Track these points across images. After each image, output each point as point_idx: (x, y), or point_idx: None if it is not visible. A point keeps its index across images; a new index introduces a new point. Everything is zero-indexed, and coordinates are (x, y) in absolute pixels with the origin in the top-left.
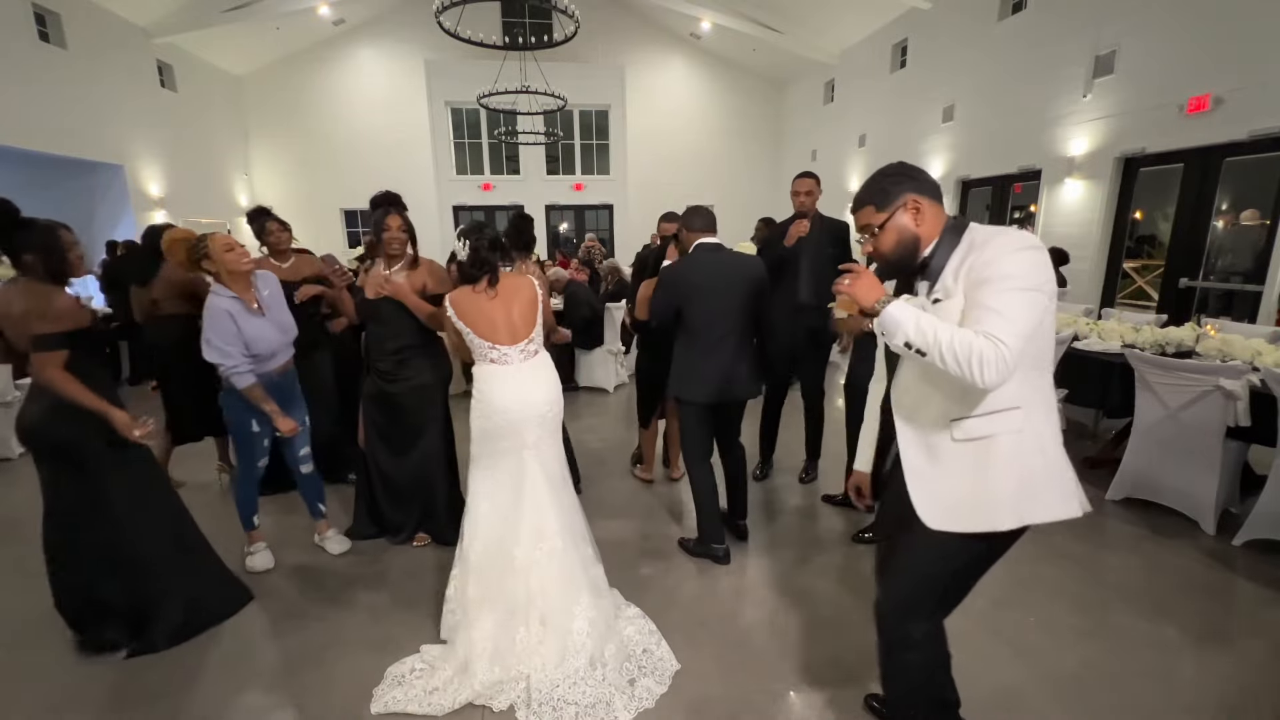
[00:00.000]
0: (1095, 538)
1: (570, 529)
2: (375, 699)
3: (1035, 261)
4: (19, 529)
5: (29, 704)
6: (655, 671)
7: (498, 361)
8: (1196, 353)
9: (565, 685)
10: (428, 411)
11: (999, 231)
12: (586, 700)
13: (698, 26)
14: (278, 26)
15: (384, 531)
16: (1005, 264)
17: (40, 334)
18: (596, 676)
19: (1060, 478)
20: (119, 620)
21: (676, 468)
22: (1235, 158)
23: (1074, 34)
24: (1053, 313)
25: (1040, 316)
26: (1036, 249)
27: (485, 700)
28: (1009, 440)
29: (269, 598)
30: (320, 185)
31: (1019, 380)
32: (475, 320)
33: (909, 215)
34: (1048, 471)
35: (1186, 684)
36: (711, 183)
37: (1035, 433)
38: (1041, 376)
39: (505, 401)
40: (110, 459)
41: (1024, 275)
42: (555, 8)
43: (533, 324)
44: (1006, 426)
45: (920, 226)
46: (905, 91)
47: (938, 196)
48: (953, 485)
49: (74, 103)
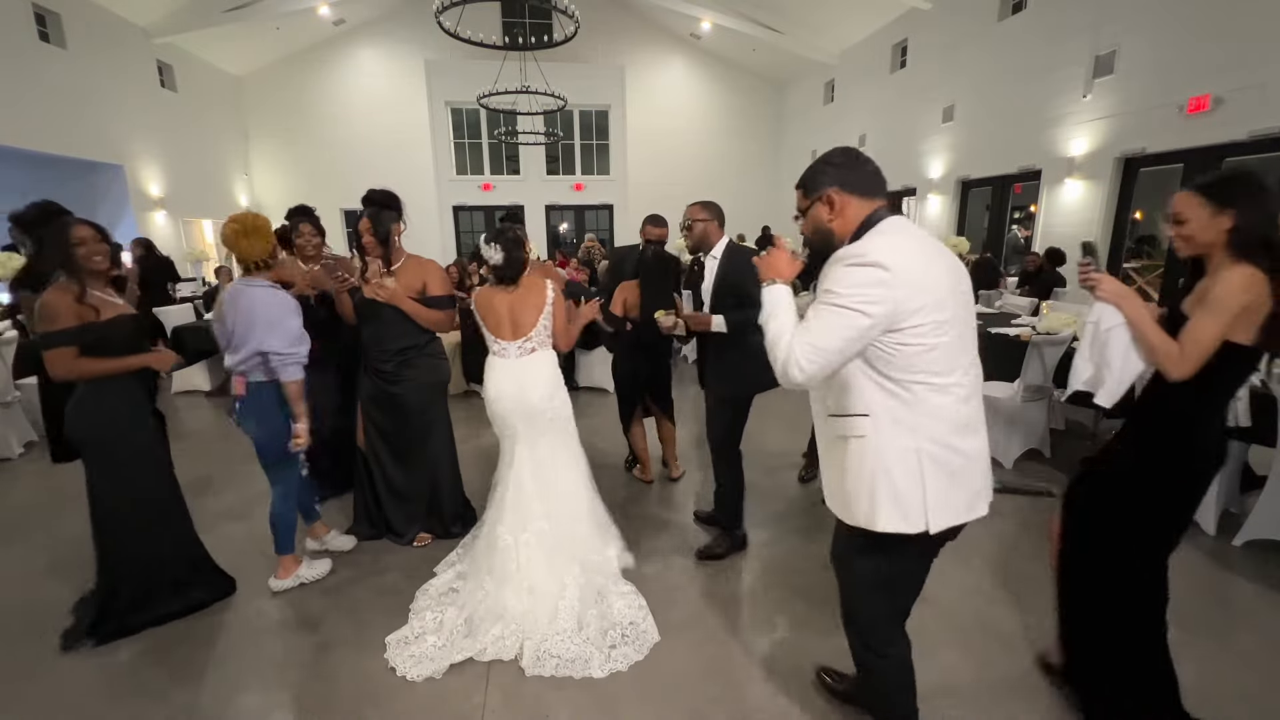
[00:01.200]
0: None
1: (561, 513)
2: (394, 664)
3: (856, 280)
4: (19, 529)
5: (29, 703)
6: (636, 641)
7: (497, 354)
8: None
9: (552, 640)
10: (430, 412)
11: (869, 237)
12: (568, 655)
13: (698, 27)
14: (278, 27)
15: (384, 532)
16: (831, 276)
17: (42, 333)
18: (580, 637)
19: (905, 495)
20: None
21: (676, 467)
22: (1235, 158)
23: (1074, 34)
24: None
25: (856, 334)
26: (864, 266)
27: (480, 654)
28: (855, 444)
29: (269, 598)
30: (320, 185)
31: (871, 390)
32: (486, 314)
33: (824, 209)
34: (892, 485)
35: (1186, 684)
36: (711, 183)
37: (880, 445)
38: (908, 386)
39: (496, 392)
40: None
41: (840, 293)
42: (555, 8)
43: (534, 324)
44: (854, 431)
45: (833, 221)
46: (905, 91)
47: (870, 191)
48: (829, 475)
49: (74, 103)
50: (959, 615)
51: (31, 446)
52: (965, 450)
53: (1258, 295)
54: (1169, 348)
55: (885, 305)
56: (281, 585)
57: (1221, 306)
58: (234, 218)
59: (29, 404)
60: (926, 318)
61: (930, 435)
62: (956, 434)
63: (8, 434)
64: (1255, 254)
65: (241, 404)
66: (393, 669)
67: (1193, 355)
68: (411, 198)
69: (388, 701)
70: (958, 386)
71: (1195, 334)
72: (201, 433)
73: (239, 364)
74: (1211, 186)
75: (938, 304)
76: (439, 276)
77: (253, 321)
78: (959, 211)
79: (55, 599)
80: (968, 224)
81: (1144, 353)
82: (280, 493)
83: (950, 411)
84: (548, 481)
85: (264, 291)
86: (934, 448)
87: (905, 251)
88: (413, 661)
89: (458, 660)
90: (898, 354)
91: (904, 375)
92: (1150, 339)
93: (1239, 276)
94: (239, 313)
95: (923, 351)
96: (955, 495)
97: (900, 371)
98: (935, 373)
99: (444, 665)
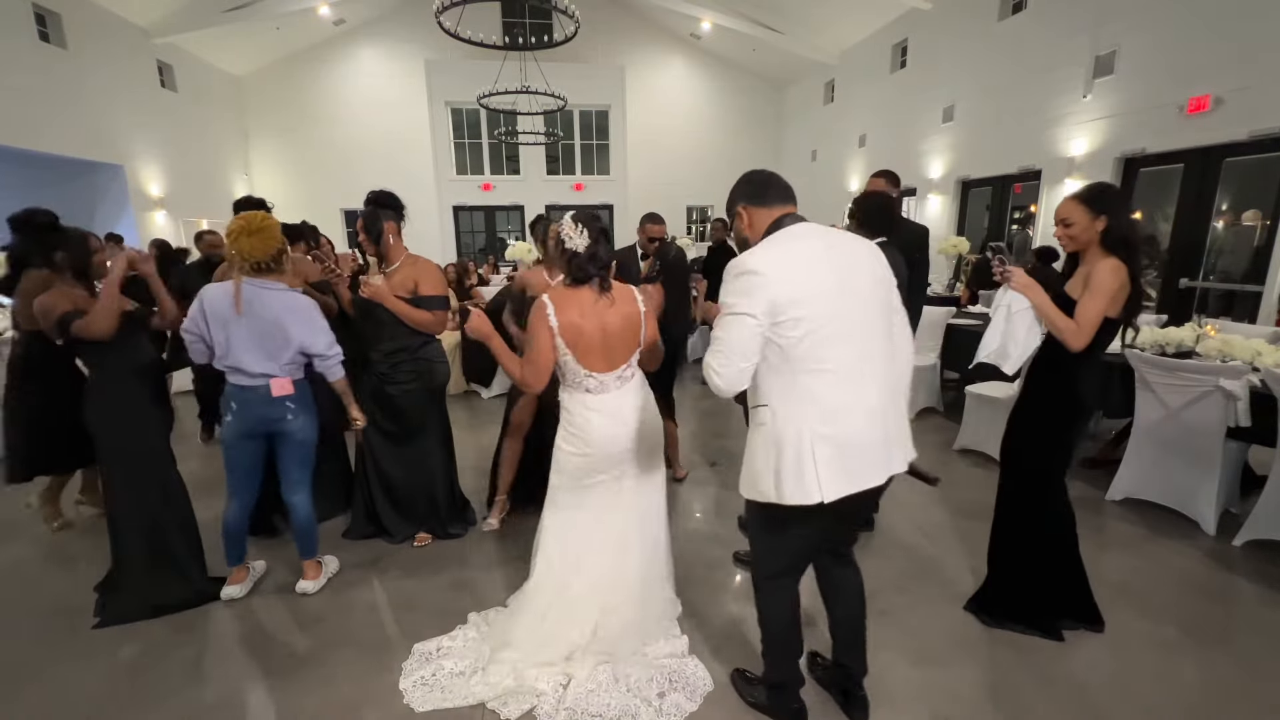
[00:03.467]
0: (1095, 538)
1: (652, 576)
2: (404, 674)
3: (736, 288)
4: (19, 529)
5: (29, 703)
6: (686, 687)
7: (592, 391)
8: (1196, 353)
9: (587, 695)
10: (426, 414)
11: (757, 248)
12: (612, 712)
13: (698, 27)
14: (278, 27)
15: (381, 532)
16: (723, 290)
17: (50, 324)
18: (620, 688)
19: (794, 471)
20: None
21: (680, 468)
22: (1235, 158)
23: (1074, 34)
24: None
25: (748, 332)
26: (741, 275)
27: (498, 705)
28: (760, 431)
29: (269, 598)
30: (320, 185)
31: (770, 377)
32: (574, 338)
33: (741, 223)
34: (784, 463)
35: (1187, 684)
36: (712, 183)
37: (777, 429)
38: (796, 375)
39: (604, 436)
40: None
41: (728, 302)
42: (555, 8)
43: (634, 347)
44: (758, 419)
45: (749, 230)
46: (905, 91)
47: (772, 200)
48: (746, 460)
49: (74, 103)
50: (958, 613)
51: None
52: (855, 428)
53: (1122, 280)
54: (1069, 325)
55: (764, 304)
56: (316, 586)
57: (1102, 291)
58: (244, 215)
59: None
60: (804, 312)
61: (820, 419)
62: (845, 411)
63: None
64: (1119, 249)
65: (294, 403)
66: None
67: (1087, 329)
68: (411, 197)
69: (387, 703)
70: (831, 374)
71: (1087, 314)
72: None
73: (284, 365)
74: (1091, 197)
75: (812, 298)
76: (432, 276)
77: (286, 324)
78: (959, 211)
79: (56, 598)
80: (968, 224)
81: (1053, 330)
82: (307, 494)
83: (836, 395)
84: (646, 531)
85: (287, 295)
86: (827, 428)
87: (781, 255)
88: (431, 683)
89: (471, 703)
90: (783, 343)
91: (802, 367)
92: (1055, 321)
93: (1109, 266)
94: (265, 317)
95: (801, 339)
96: (852, 464)
97: (799, 365)
98: (821, 361)
99: (460, 703)
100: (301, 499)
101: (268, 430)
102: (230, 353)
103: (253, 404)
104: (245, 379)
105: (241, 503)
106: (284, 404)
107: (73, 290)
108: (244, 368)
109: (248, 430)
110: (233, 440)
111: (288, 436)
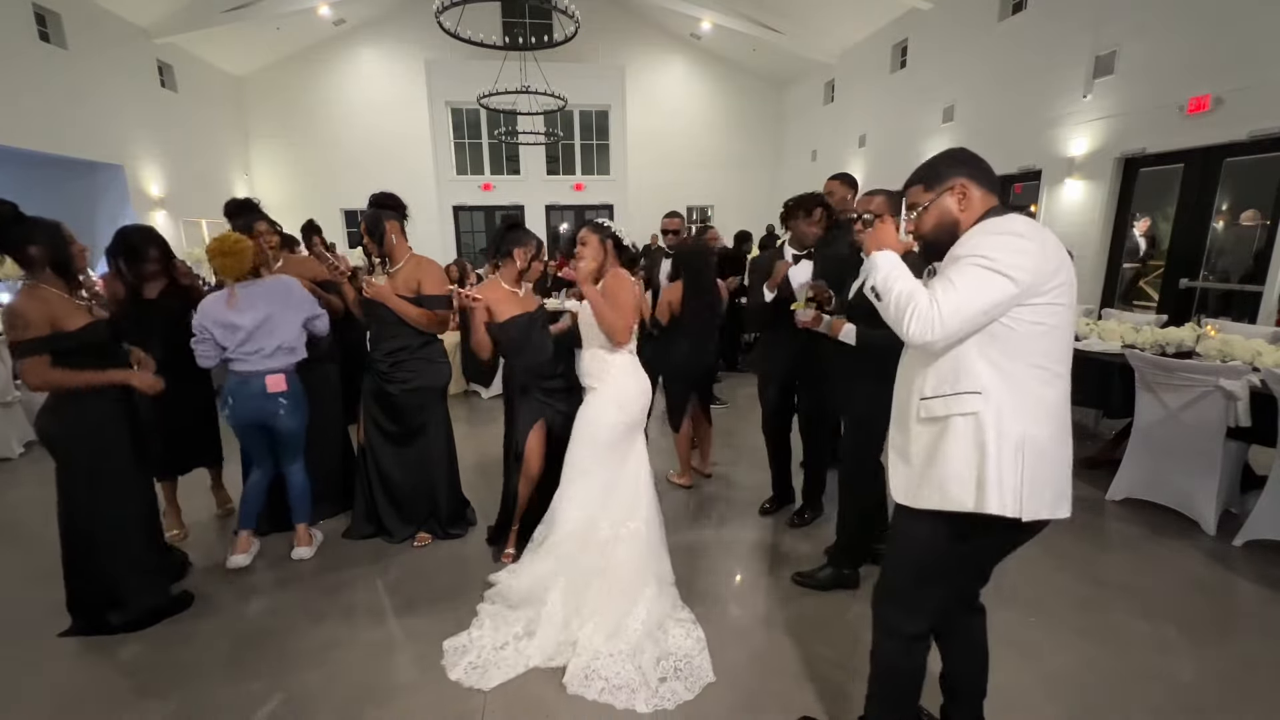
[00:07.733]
0: (1095, 538)
1: (653, 517)
2: (449, 669)
3: (1005, 245)
4: (19, 529)
5: (29, 703)
6: (688, 678)
7: (630, 352)
8: (1196, 353)
9: (604, 660)
10: (427, 414)
11: (1006, 219)
12: (616, 681)
13: (698, 27)
14: (278, 27)
15: (381, 532)
16: (974, 243)
17: (12, 343)
18: (632, 664)
19: (1009, 477)
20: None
21: (707, 463)
22: (1235, 158)
23: (1074, 34)
24: (1059, 313)
25: (1001, 298)
26: (1013, 235)
27: (548, 662)
28: (961, 423)
29: (269, 598)
30: (320, 185)
31: (985, 365)
32: (636, 309)
33: (954, 198)
34: (999, 465)
35: (1186, 684)
36: (712, 183)
37: (992, 423)
38: (1019, 369)
39: (642, 388)
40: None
41: (985, 255)
42: (555, 8)
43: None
44: (962, 409)
45: (963, 212)
46: (905, 91)
47: (993, 188)
48: (914, 464)
49: (74, 103)
50: None
51: (31, 446)
52: (1060, 448)
53: None
54: None
55: (1030, 275)
56: (310, 552)
57: None
58: (217, 237)
59: (29, 404)
60: (1057, 298)
61: (1034, 423)
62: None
63: (8, 434)
64: None
65: (287, 399)
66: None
67: None
68: (411, 197)
69: (388, 701)
70: (1060, 380)
71: None
72: None
73: (270, 358)
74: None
75: (1064, 287)
76: (435, 276)
77: (281, 305)
78: None
79: (55, 598)
80: None
81: None
82: (301, 464)
83: (1053, 405)
84: (645, 481)
85: (269, 281)
86: (1038, 435)
87: (1042, 232)
88: (481, 665)
89: (526, 669)
90: (1016, 329)
91: (1025, 354)
92: None
93: None
94: (260, 308)
95: (1043, 332)
96: (1047, 489)
97: (1020, 349)
98: (1049, 358)
99: (518, 670)
100: (296, 468)
101: (263, 422)
102: (252, 338)
103: (248, 398)
104: (251, 365)
105: (263, 470)
106: (278, 400)
107: (51, 292)
108: (263, 348)
109: (245, 421)
110: (237, 427)
111: (281, 428)
